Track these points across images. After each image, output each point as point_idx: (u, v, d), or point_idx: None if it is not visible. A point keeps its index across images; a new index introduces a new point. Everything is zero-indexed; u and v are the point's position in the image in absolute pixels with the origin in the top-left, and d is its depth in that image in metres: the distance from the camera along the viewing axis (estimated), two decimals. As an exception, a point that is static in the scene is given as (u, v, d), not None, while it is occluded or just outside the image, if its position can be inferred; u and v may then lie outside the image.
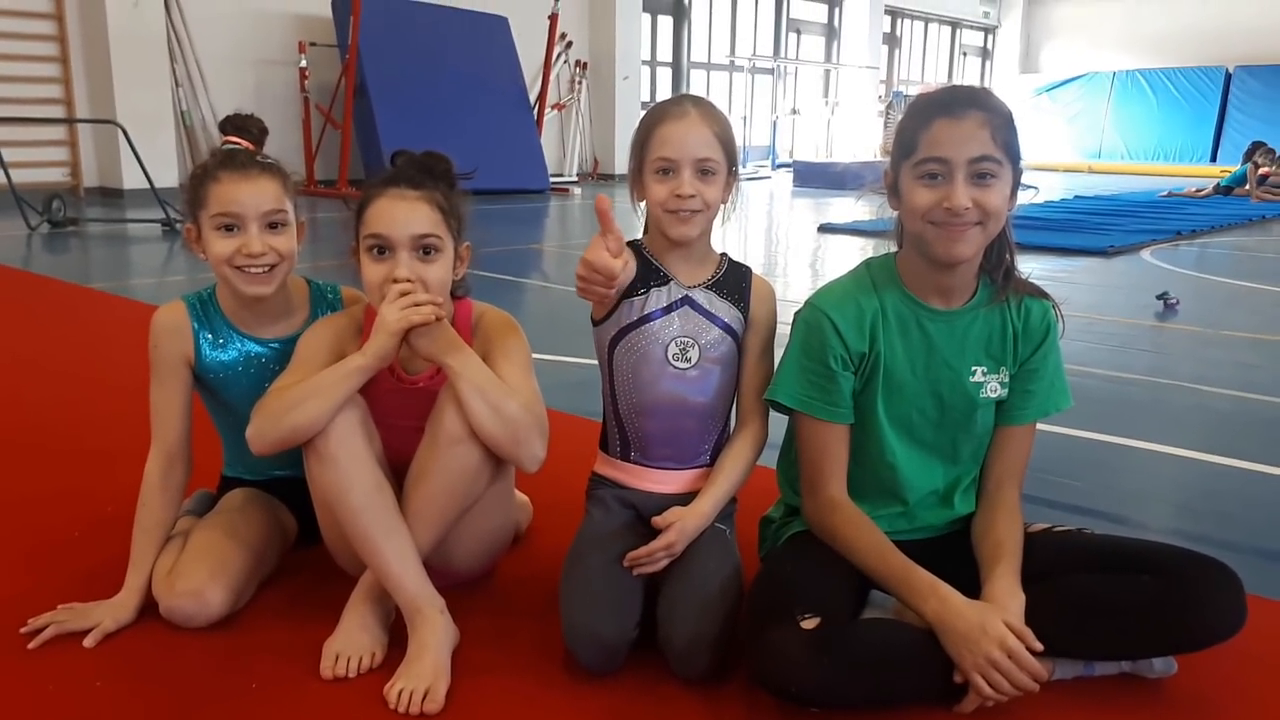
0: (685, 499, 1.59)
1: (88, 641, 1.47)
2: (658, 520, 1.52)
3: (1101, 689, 1.41)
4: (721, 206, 1.58)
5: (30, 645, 1.46)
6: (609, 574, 1.48)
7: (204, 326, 1.66)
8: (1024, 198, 1.47)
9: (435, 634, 1.41)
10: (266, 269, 1.58)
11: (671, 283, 1.58)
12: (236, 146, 1.68)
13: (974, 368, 1.49)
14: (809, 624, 1.28)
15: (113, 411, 2.61)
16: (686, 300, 1.58)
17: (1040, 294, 1.52)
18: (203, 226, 1.58)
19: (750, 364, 1.62)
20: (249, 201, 1.55)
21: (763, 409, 1.60)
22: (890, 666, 1.32)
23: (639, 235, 1.64)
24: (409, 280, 1.44)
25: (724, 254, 1.65)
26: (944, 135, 1.35)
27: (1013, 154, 1.38)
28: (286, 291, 1.68)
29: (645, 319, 1.57)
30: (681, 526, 1.50)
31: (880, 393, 1.48)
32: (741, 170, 1.61)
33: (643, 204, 1.59)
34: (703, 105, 1.55)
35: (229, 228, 1.56)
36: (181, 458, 1.63)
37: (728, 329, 1.59)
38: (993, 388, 1.50)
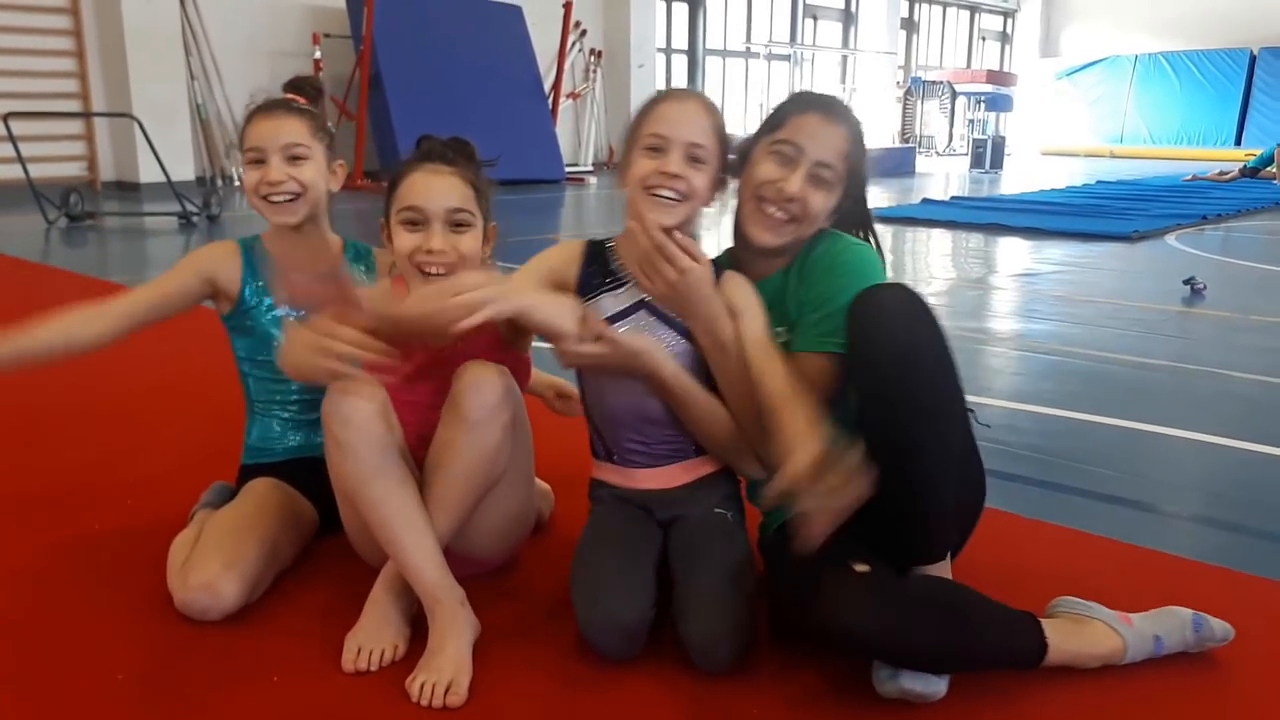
0: (681, 492, 1.58)
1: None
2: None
3: (1124, 674, 1.39)
4: (702, 210, 1.50)
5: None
6: (620, 559, 1.47)
7: (251, 272, 1.77)
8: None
9: (456, 626, 1.40)
10: (289, 197, 1.70)
11: (627, 285, 1.53)
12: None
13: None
14: (862, 568, 1.27)
15: (129, 405, 2.61)
16: (643, 304, 1.52)
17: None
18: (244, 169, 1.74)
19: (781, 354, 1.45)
20: (269, 135, 1.70)
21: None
22: (952, 612, 1.29)
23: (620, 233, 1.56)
24: (443, 250, 1.48)
25: (712, 260, 1.55)
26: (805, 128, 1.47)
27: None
28: (324, 244, 1.80)
29: None
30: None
31: None
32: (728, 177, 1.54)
33: (626, 192, 1.51)
34: (706, 98, 1.53)
35: (257, 161, 1.70)
36: (108, 322, 1.67)
37: (687, 334, 1.51)
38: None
